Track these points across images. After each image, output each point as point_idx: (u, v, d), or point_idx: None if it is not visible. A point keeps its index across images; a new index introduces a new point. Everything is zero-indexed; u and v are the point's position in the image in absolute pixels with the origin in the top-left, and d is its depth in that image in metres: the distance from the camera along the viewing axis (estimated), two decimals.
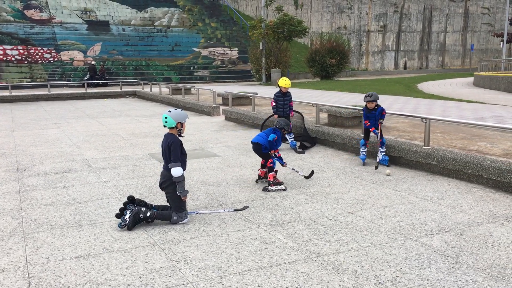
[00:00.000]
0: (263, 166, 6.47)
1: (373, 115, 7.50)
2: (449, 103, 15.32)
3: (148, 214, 4.86)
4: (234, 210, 5.35)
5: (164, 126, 5.00)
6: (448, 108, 13.44)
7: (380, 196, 5.82)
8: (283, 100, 8.96)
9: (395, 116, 10.91)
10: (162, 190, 5.07)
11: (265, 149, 6.36)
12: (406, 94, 19.23)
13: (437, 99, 16.91)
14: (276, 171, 6.27)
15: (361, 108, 8.94)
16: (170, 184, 4.91)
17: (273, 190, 6.10)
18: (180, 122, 4.99)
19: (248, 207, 5.46)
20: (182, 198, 4.90)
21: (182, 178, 4.85)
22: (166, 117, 4.94)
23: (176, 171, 4.80)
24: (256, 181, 6.56)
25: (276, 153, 6.50)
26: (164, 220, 4.93)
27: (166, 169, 4.91)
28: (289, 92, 9.02)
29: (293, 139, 9.03)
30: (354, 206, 5.41)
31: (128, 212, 4.85)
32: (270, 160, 6.31)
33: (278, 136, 6.39)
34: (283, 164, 6.49)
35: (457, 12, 51.90)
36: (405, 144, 7.52)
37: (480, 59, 46.38)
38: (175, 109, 5.04)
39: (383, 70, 49.33)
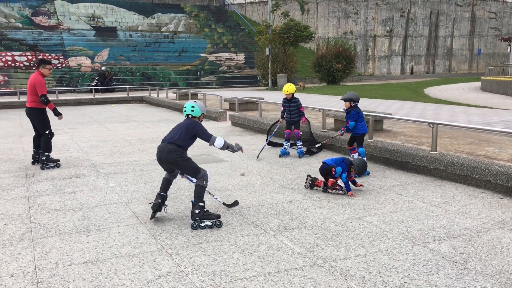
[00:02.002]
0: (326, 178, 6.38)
1: (347, 116, 7.47)
2: (457, 108, 15.26)
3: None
4: (223, 204, 5.50)
5: (187, 115, 5.19)
6: (456, 113, 13.39)
7: (388, 201, 5.81)
8: (288, 106, 8.94)
9: (402, 121, 10.88)
10: (170, 165, 5.15)
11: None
12: (413, 99, 19.18)
13: (444, 104, 16.85)
14: None
15: (368, 113, 8.93)
16: (177, 161, 5.02)
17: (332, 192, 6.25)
18: (203, 113, 5.31)
19: (237, 203, 5.56)
20: (241, 151, 5.37)
21: (226, 143, 5.19)
22: (193, 106, 5.20)
23: (219, 142, 5.13)
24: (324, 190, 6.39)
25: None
26: (199, 191, 5.04)
27: (173, 144, 5.03)
28: (296, 98, 8.88)
29: (301, 146, 8.92)
30: (362, 212, 5.40)
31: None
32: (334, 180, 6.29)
33: (343, 168, 6.17)
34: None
35: (464, 16, 51.77)
36: (413, 149, 7.50)
37: (487, 64, 46.20)
38: (197, 101, 5.34)
39: (389, 75, 49.24)
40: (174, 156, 5.03)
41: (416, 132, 9.58)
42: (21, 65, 30.36)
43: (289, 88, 8.74)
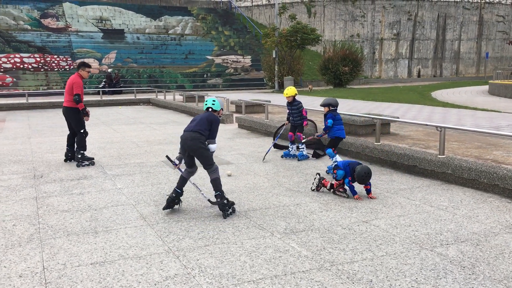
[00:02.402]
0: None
1: (325, 119, 7.64)
2: (464, 111, 15.20)
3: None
4: (208, 201, 5.67)
5: (207, 109, 5.70)
6: (463, 117, 13.33)
7: (395, 205, 5.79)
8: (290, 109, 8.91)
9: (409, 124, 10.86)
10: (192, 152, 5.51)
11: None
12: (420, 102, 19.12)
13: (451, 108, 16.78)
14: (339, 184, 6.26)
15: (375, 116, 8.92)
16: (200, 148, 5.42)
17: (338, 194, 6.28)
18: (222, 109, 5.82)
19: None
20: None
21: (215, 149, 5.70)
22: (214, 100, 5.75)
23: (214, 147, 5.60)
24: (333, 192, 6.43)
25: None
26: (218, 183, 5.49)
27: (197, 132, 5.45)
28: (297, 101, 8.77)
29: (303, 149, 8.83)
30: (369, 215, 5.39)
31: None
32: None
33: (346, 172, 6.17)
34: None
35: (471, 20, 51.55)
36: (420, 152, 7.48)
37: (495, 67, 45.96)
38: (218, 97, 5.98)
39: (396, 78, 49.11)
40: (197, 143, 5.41)
41: (423, 135, 9.55)
42: (30, 66, 30.59)
43: (289, 91, 8.68)
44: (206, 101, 5.84)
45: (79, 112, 8.58)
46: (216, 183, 5.50)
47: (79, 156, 8.46)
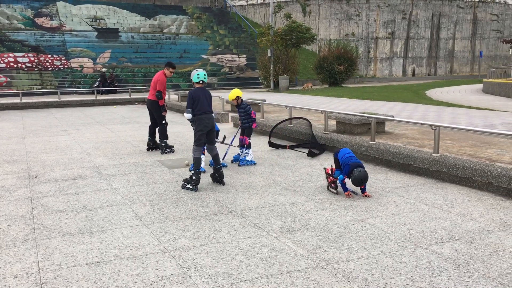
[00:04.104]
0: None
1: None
2: (458, 110, 15.27)
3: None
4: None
5: (199, 82, 6.70)
6: (458, 115, 13.39)
7: (390, 203, 5.82)
8: (238, 112, 8.66)
9: (404, 123, 10.89)
10: (212, 131, 6.85)
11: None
12: (414, 101, 19.19)
13: (446, 106, 16.85)
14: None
15: (370, 115, 8.94)
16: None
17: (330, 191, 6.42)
18: None
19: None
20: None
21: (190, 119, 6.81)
22: (205, 74, 6.75)
23: (187, 115, 6.74)
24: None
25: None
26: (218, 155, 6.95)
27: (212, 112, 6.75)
28: (244, 104, 8.54)
29: (247, 154, 8.31)
30: (364, 214, 5.41)
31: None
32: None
33: (345, 171, 6.14)
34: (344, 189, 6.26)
35: (465, 18, 51.76)
36: (415, 151, 7.51)
37: (489, 66, 46.18)
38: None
39: (391, 76, 49.24)
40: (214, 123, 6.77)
41: (418, 134, 9.58)
42: (23, 66, 30.43)
43: (230, 94, 8.40)
44: (198, 74, 6.68)
45: (164, 106, 9.69)
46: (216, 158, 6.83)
47: (163, 144, 9.49)
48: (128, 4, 40.64)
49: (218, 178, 6.87)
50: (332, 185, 6.36)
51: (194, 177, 6.51)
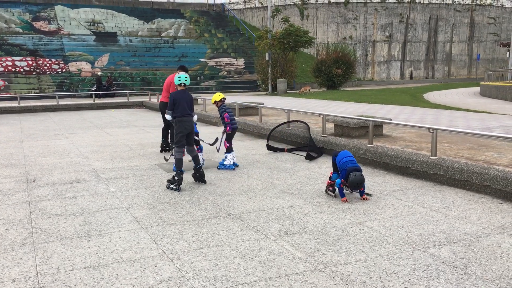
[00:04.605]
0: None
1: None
2: (456, 113, 15.30)
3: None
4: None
5: (180, 84, 6.95)
6: (455, 118, 13.42)
7: (388, 206, 5.83)
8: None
9: (402, 126, 10.92)
10: (189, 133, 7.00)
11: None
12: (412, 104, 19.22)
13: (443, 109, 16.89)
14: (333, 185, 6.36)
15: (368, 118, 8.96)
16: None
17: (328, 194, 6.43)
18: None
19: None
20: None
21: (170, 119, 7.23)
22: (186, 77, 6.98)
23: (168, 117, 7.14)
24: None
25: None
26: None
27: (192, 115, 7.03)
28: (219, 107, 8.44)
29: (225, 158, 8.28)
30: (362, 217, 5.42)
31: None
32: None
33: (342, 175, 6.17)
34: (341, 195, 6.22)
35: (462, 22, 51.92)
36: (412, 154, 7.53)
37: (486, 69, 46.31)
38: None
39: (389, 80, 49.32)
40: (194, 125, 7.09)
41: (415, 137, 9.60)
42: (21, 70, 30.42)
43: (212, 98, 8.50)
44: (179, 76, 6.94)
45: None
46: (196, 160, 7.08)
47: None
48: (126, 8, 40.68)
49: (199, 177, 7.15)
50: (330, 188, 6.38)
51: (176, 178, 6.74)
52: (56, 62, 31.63)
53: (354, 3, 47.69)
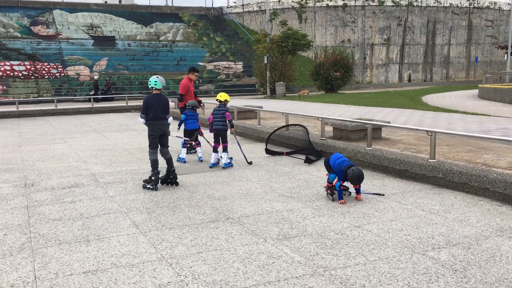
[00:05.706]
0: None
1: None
2: (454, 115, 15.32)
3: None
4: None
5: (151, 87, 7.12)
6: (454, 121, 13.44)
7: (387, 209, 5.82)
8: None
9: (400, 129, 10.92)
10: (162, 136, 7.22)
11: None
12: (411, 107, 19.25)
13: (442, 112, 16.91)
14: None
15: (366, 121, 8.97)
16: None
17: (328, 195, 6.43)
18: (164, 86, 7.27)
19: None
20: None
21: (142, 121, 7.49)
22: (156, 81, 7.12)
23: (171, 120, 7.44)
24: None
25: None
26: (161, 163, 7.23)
27: (166, 119, 7.24)
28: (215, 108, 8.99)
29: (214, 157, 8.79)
30: (361, 220, 5.41)
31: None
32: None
33: (339, 177, 6.18)
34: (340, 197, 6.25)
35: (460, 24, 52.07)
36: (411, 157, 7.53)
37: (484, 72, 46.40)
38: (159, 76, 7.24)
39: (387, 83, 49.41)
40: (168, 128, 7.28)
41: (414, 140, 9.61)
42: (20, 74, 30.41)
43: (224, 96, 9.09)
44: (150, 80, 7.15)
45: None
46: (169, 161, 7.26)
47: (188, 145, 9.94)
48: (124, 12, 40.74)
49: (172, 179, 7.29)
50: (328, 191, 6.38)
51: (153, 178, 7.02)
52: (55, 67, 31.63)
53: (352, 6, 47.81)
